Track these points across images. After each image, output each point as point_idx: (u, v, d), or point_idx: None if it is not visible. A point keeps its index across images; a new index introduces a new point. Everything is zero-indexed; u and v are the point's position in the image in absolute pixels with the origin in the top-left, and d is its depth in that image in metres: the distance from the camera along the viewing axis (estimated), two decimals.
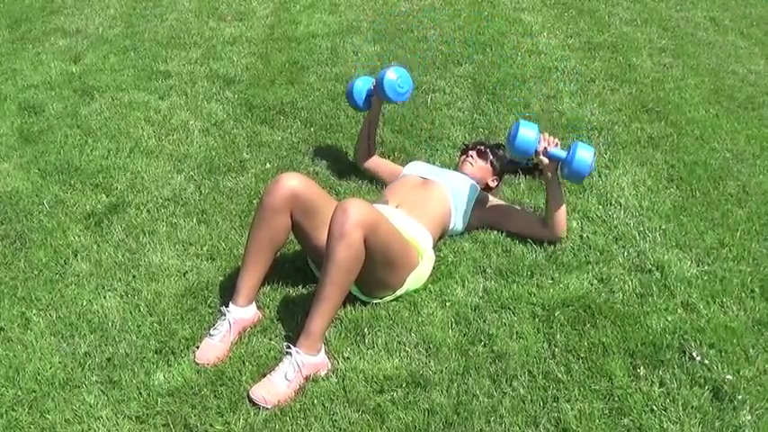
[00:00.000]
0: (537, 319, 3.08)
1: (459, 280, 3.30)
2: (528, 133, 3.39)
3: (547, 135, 3.47)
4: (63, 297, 3.24)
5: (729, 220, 3.73)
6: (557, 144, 3.46)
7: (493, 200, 3.69)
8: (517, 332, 3.01)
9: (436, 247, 3.42)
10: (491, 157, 3.81)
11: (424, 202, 3.42)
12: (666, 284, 3.27)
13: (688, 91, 5.21)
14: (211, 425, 2.61)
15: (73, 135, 4.61)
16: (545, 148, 3.43)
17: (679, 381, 2.76)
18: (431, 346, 2.94)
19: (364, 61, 5.65)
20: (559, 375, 2.79)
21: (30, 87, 5.31)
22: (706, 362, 2.84)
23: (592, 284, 3.29)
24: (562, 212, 3.48)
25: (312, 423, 2.61)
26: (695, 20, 6.71)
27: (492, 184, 3.82)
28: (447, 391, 2.73)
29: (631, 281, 3.30)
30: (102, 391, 2.76)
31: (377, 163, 4.08)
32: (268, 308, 3.15)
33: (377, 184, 4.01)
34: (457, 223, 3.53)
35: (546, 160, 3.44)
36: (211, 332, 2.95)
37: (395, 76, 3.79)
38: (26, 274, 3.39)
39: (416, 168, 3.72)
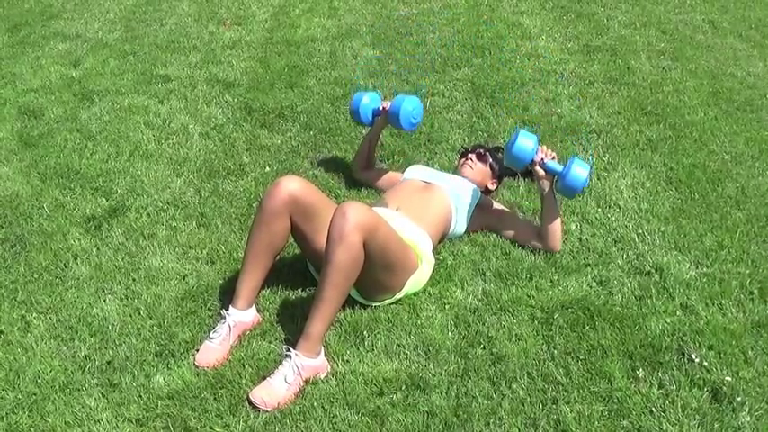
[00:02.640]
0: (536, 322, 3.08)
1: (458, 283, 3.31)
2: (526, 143, 3.41)
3: (545, 148, 3.48)
4: (63, 300, 3.25)
5: (728, 222, 3.74)
6: (554, 157, 3.47)
7: (494, 204, 3.70)
8: (516, 334, 3.01)
9: (435, 250, 3.42)
10: (490, 160, 3.82)
11: (425, 206, 3.42)
12: (665, 286, 3.28)
13: (687, 94, 5.22)
14: (211, 427, 2.61)
15: (73, 139, 4.62)
16: (542, 159, 3.44)
17: (678, 382, 2.76)
18: (430, 348, 2.94)
19: (363, 65, 5.66)
20: (559, 377, 2.80)
21: (29, 91, 5.32)
22: (705, 363, 2.84)
23: (591, 287, 3.29)
24: (557, 225, 3.48)
25: (312, 425, 2.61)
26: (694, 23, 6.72)
27: (491, 186, 3.83)
28: (446, 393, 2.73)
29: (630, 283, 3.30)
30: (102, 393, 2.76)
31: (378, 174, 4.07)
32: (268, 311, 3.16)
33: (377, 188, 4.01)
34: (457, 226, 3.54)
35: (542, 172, 3.45)
36: (211, 335, 2.96)
37: (411, 107, 3.80)
38: (26, 278, 3.40)
39: (417, 172, 3.72)
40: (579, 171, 3.36)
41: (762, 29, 6.64)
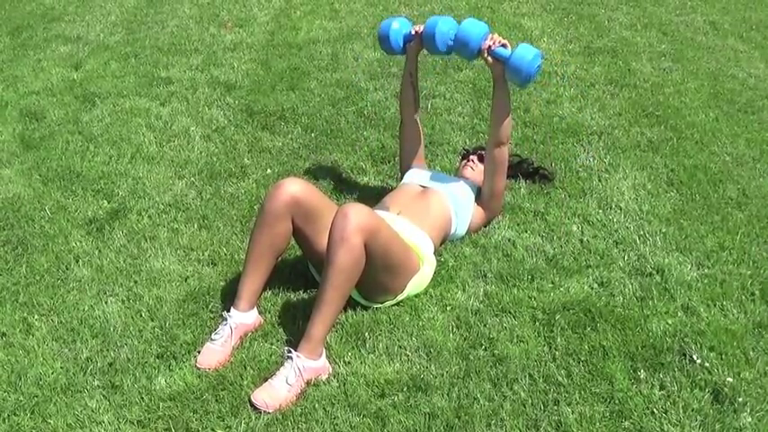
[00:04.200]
0: (537, 323, 3.08)
1: (459, 284, 3.31)
2: (471, 28, 3.36)
3: (495, 36, 3.43)
4: (65, 302, 3.25)
5: (729, 223, 3.74)
6: (504, 45, 3.41)
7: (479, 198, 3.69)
8: (518, 336, 3.02)
9: (437, 252, 3.43)
10: None
11: (425, 211, 3.42)
12: (667, 288, 3.28)
13: (688, 95, 5.22)
14: (213, 429, 2.62)
15: (74, 141, 4.62)
16: (489, 46, 3.40)
17: (679, 383, 2.76)
18: (432, 350, 2.94)
19: (365, 67, 5.66)
20: (560, 379, 2.80)
21: (31, 94, 5.33)
22: (706, 364, 2.84)
23: (592, 288, 3.30)
24: (505, 116, 3.46)
25: (313, 427, 2.61)
26: (695, 24, 6.72)
27: None
28: (448, 394, 2.74)
29: (632, 284, 3.31)
30: (103, 395, 2.77)
31: (416, 129, 3.89)
32: (269, 313, 3.16)
33: (378, 189, 4.02)
34: (458, 228, 3.54)
35: (490, 59, 3.42)
36: (213, 337, 2.96)
37: (446, 28, 3.55)
38: (28, 280, 3.40)
39: (416, 176, 3.71)
40: (524, 51, 3.29)
41: (763, 30, 6.64)
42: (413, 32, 3.70)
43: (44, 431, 2.64)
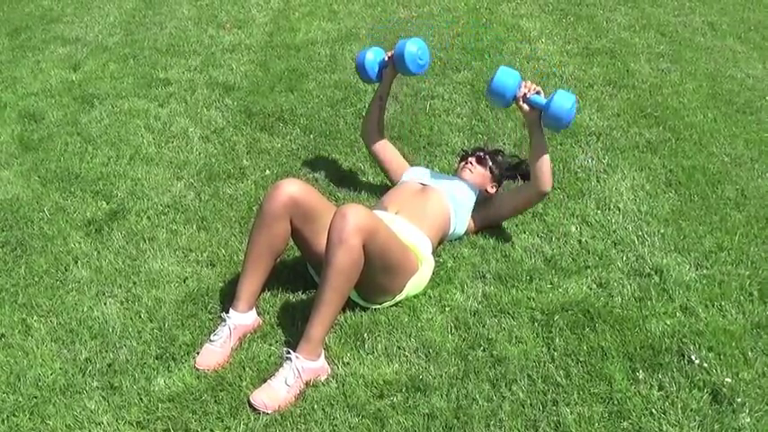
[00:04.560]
0: (536, 324, 3.09)
1: (458, 285, 3.31)
2: (506, 78, 3.38)
3: (528, 83, 3.44)
4: (64, 303, 3.25)
5: (728, 223, 3.74)
6: (538, 92, 3.42)
7: (488, 200, 3.69)
8: (516, 336, 3.02)
9: (435, 253, 3.43)
10: (490, 163, 3.82)
11: (424, 209, 3.43)
12: (665, 288, 3.28)
13: (686, 96, 5.23)
14: (212, 430, 2.62)
15: (73, 142, 4.62)
16: (525, 94, 3.41)
17: (678, 384, 2.76)
18: (430, 350, 2.95)
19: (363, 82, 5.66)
20: (559, 379, 2.80)
21: (30, 95, 5.32)
22: (705, 365, 2.84)
23: (591, 289, 3.30)
24: (546, 163, 3.45)
25: (312, 428, 2.62)
26: (693, 25, 6.72)
27: (491, 190, 3.83)
28: (447, 395, 2.74)
29: (630, 285, 3.31)
30: (102, 396, 2.77)
31: (385, 148, 3.99)
32: (268, 314, 3.16)
33: (377, 190, 4.02)
34: (457, 228, 3.54)
35: (526, 107, 3.42)
36: (212, 338, 2.96)
37: (415, 47, 3.71)
38: (27, 281, 3.40)
39: (415, 175, 3.72)
40: (562, 101, 3.30)
41: (761, 30, 6.65)
42: (386, 59, 3.86)
43: None
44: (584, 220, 3.77)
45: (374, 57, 3.89)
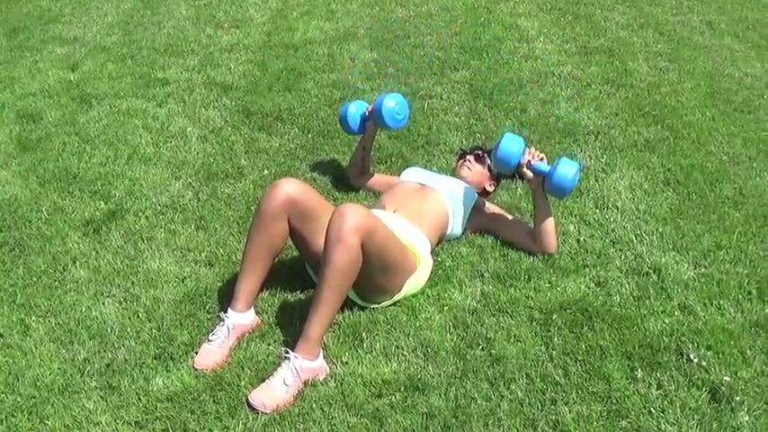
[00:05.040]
0: (534, 323, 3.08)
1: (456, 284, 3.31)
2: (511, 145, 3.43)
3: (533, 150, 3.49)
4: (62, 303, 3.25)
5: (726, 222, 3.74)
6: (542, 158, 3.48)
7: (490, 206, 3.70)
8: (515, 335, 3.02)
9: (434, 252, 3.43)
10: (488, 161, 3.82)
11: (422, 208, 3.43)
12: (663, 287, 3.28)
13: (684, 94, 5.23)
14: (210, 430, 2.62)
15: (71, 142, 4.62)
16: (529, 161, 3.45)
17: (677, 382, 2.76)
18: (429, 350, 2.94)
19: (361, 68, 5.67)
20: (557, 378, 2.80)
21: (28, 95, 5.32)
22: (703, 363, 2.84)
23: (589, 288, 3.30)
24: (550, 226, 3.47)
25: (311, 427, 2.61)
26: (691, 24, 6.73)
27: (489, 188, 3.83)
28: (445, 394, 2.74)
29: (628, 284, 3.31)
30: (101, 396, 2.76)
31: (374, 182, 4.07)
32: (266, 313, 3.16)
33: (375, 190, 4.02)
34: (455, 228, 3.54)
35: (530, 174, 3.46)
36: (210, 338, 2.96)
37: (393, 103, 3.81)
38: (25, 281, 3.40)
39: (414, 174, 3.73)
40: (566, 170, 3.35)
41: (759, 29, 6.65)
42: (367, 112, 3.94)
43: None
44: (582, 219, 3.77)
45: (356, 109, 3.99)
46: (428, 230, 3.36)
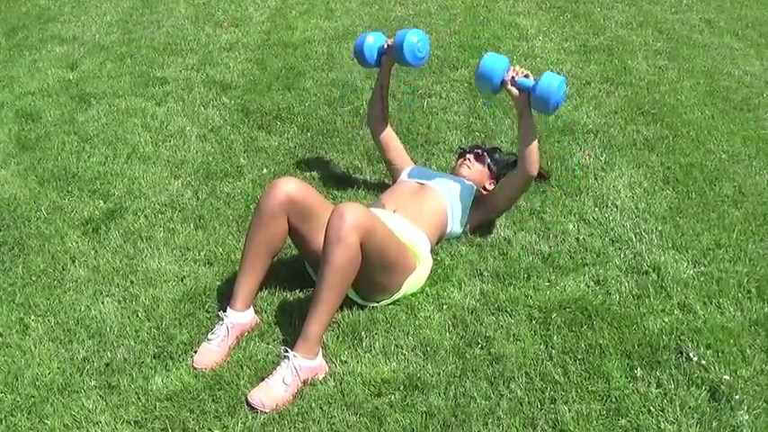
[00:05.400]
0: (534, 322, 3.08)
1: (455, 283, 3.31)
2: (494, 62, 3.37)
3: (517, 67, 3.44)
4: (61, 303, 3.25)
5: (725, 221, 3.74)
6: (526, 75, 3.42)
7: (483, 199, 3.69)
8: (514, 334, 3.02)
9: (433, 251, 3.43)
10: (488, 160, 3.82)
11: (422, 208, 3.42)
12: (663, 286, 3.28)
13: (683, 93, 5.23)
14: (210, 429, 2.61)
15: (70, 142, 4.62)
16: (513, 77, 3.40)
17: (676, 381, 2.76)
18: (428, 348, 2.94)
19: (360, 66, 5.64)
20: (557, 377, 2.80)
21: (27, 94, 5.32)
22: (703, 362, 2.84)
23: (588, 286, 3.30)
24: (534, 147, 3.44)
25: (310, 426, 2.61)
26: (690, 22, 6.72)
27: (489, 187, 3.83)
28: (444, 393, 2.73)
29: (628, 282, 3.31)
30: (100, 396, 2.76)
31: (391, 139, 3.96)
32: (266, 312, 3.16)
33: (374, 188, 4.02)
34: (455, 227, 3.54)
35: (515, 91, 3.41)
36: (209, 337, 2.96)
37: (416, 38, 3.64)
38: (24, 281, 3.39)
39: (413, 174, 3.72)
40: (550, 81, 3.29)
41: (758, 28, 6.65)
42: (386, 46, 3.77)
43: (41, 431, 2.64)
44: (581, 217, 3.77)
45: (374, 41, 3.80)
46: (428, 229, 3.35)
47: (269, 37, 6.33)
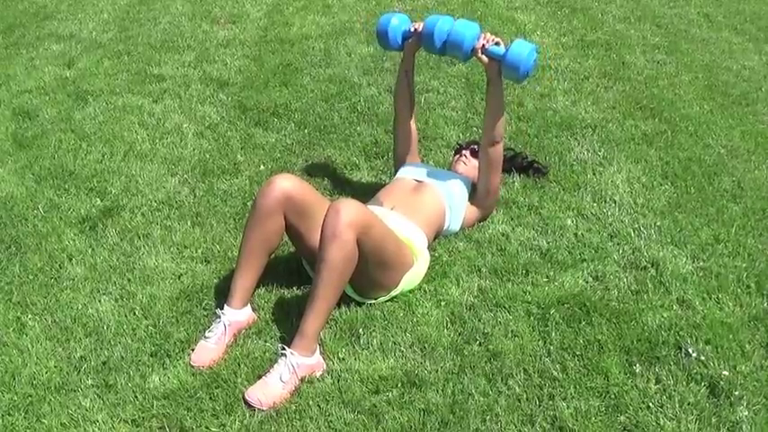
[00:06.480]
0: (532, 318, 3.08)
1: (453, 279, 3.30)
2: (464, 28, 3.33)
3: (488, 34, 3.41)
4: (58, 301, 3.24)
5: (724, 215, 3.73)
6: (497, 42, 3.39)
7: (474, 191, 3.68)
8: (512, 331, 3.01)
9: (430, 247, 3.42)
10: None
11: (419, 205, 3.41)
12: (662, 281, 3.28)
13: (682, 87, 5.22)
14: (207, 427, 2.61)
15: (67, 140, 4.60)
16: (483, 45, 3.38)
17: (675, 377, 2.76)
18: (426, 345, 2.94)
19: (358, 62, 5.65)
20: (555, 373, 2.79)
21: (24, 92, 5.30)
22: (702, 358, 2.84)
23: (587, 282, 3.29)
24: (501, 117, 3.45)
25: (307, 424, 2.61)
26: (689, 16, 6.72)
27: None
28: (442, 390, 2.73)
29: (626, 278, 3.30)
30: (97, 394, 2.76)
31: (411, 129, 3.88)
32: (263, 309, 3.15)
33: (371, 185, 4.01)
34: (452, 223, 3.53)
35: (485, 59, 3.39)
36: (206, 334, 2.95)
37: (447, 27, 3.44)
38: (21, 279, 3.39)
39: (410, 171, 3.70)
40: (520, 49, 3.26)
41: (756, 22, 6.64)
42: (412, 30, 3.64)
43: (38, 431, 2.63)
44: (579, 213, 3.76)
45: (399, 23, 3.66)
46: (425, 226, 3.34)
47: (266, 33, 6.32)
